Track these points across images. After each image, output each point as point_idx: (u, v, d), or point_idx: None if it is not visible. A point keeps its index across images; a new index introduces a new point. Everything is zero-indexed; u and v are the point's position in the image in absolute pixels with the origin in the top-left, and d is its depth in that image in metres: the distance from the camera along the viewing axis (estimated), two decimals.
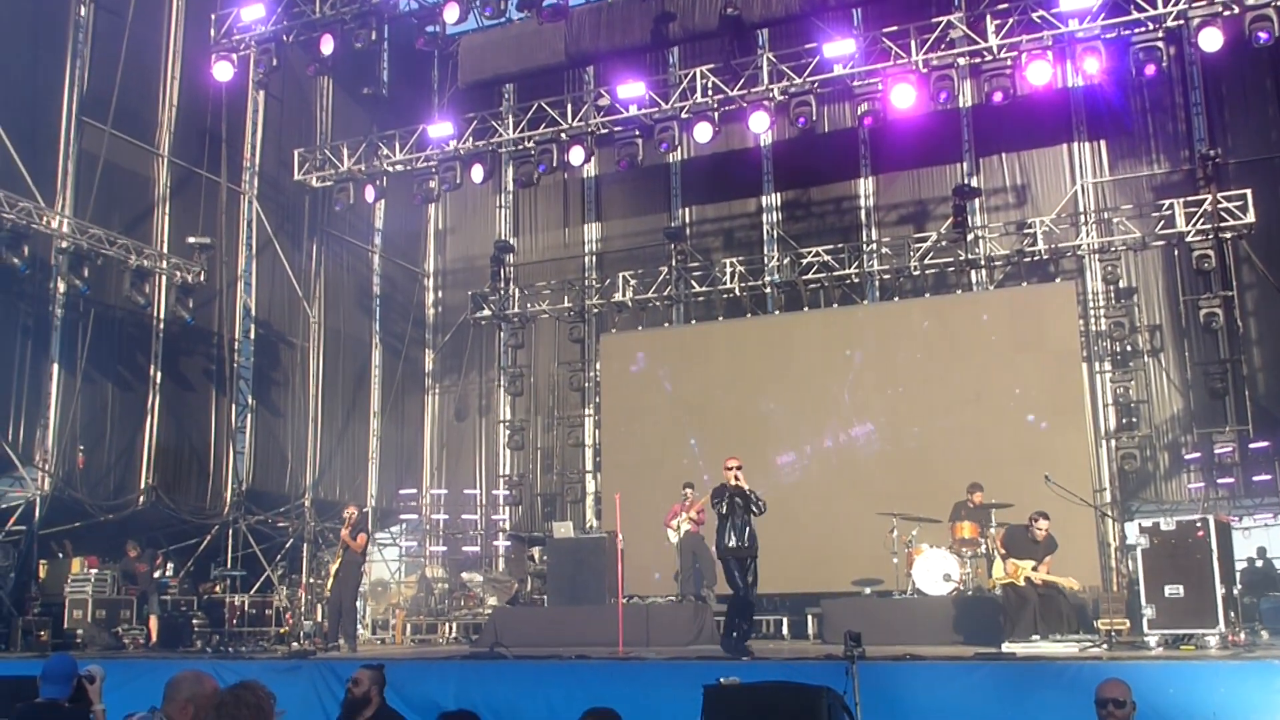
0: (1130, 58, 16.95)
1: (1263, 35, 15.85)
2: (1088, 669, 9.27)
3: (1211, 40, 16.29)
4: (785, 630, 18.19)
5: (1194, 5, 16.44)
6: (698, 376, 21.51)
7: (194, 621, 17.92)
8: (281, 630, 18.38)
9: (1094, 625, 13.73)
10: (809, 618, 17.23)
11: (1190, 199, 19.28)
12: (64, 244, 17.77)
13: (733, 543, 12.38)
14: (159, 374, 19.73)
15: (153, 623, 17.02)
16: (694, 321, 22.79)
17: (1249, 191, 18.71)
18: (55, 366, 17.97)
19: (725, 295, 22.06)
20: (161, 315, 19.75)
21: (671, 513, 17.19)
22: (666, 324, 23.03)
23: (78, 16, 18.87)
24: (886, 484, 19.14)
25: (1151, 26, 16.78)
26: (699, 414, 21.28)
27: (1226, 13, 16.24)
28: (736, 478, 12.52)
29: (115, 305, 18.90)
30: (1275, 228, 19.51)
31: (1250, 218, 18.60)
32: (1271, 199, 19.49)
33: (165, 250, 19.70)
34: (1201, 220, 18.91)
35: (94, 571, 16.95)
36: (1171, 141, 20.95)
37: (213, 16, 20.38)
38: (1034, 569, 12.57)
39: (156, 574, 17.74)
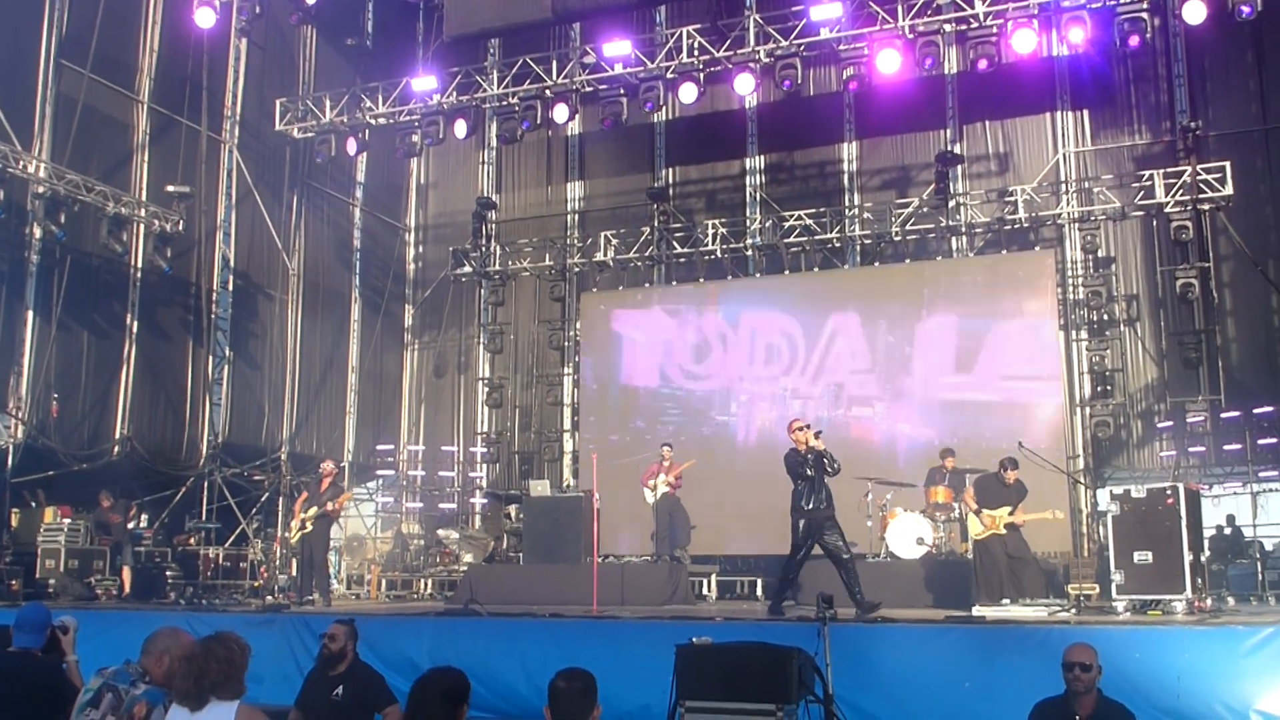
0: (1115, 28, 16.98)
1: (1245, 9, 15.91)
2: (1056, 633, 9.40)
3: (1195, 12, 16.32)
4: (759, 591, 18.33)
5: None
6: (677, 337, 21.52)
7: (168, 573, 17.95)
8: (255, 584, 18.40)
9: (1064, 590, 13.93)
10: None
11: (1170, 170, 19.33)
12: (40, 189, 17.57)
13: (812, 505, 12.30)
14: (135, 323, 19.61)
15: (126, 574, 17.02)
16: (675, 282, 22.78)
17: (1228, 164, 18.76)
18: (30, 313, 17.82)
19: (707, 257, 22.03)
20: (139, 264, 19.61)
21: (649, 472, 17.26)
22: (648, 284, 23.01)
23: None
24: (863, 447, 19.26)
25: None
26: (678, 375, 21.30)
27: None
28: (818, 436, 12.35)
29: (92, 253, 18.75)
30: (1253, 201, 19.62)
31: (1228, 190, 18.65)
32: (1250, 172, 19.60)
33: (143, 198, 19.52)
34: (1180, 192, 18.98)
35: (67, 521, 16.91)
36: (1153, 112, 20.99)
37: None
38: (1010, 513, 12.76)
39: (130, 525, 17.71)
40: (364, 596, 19.83)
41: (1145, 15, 16.83)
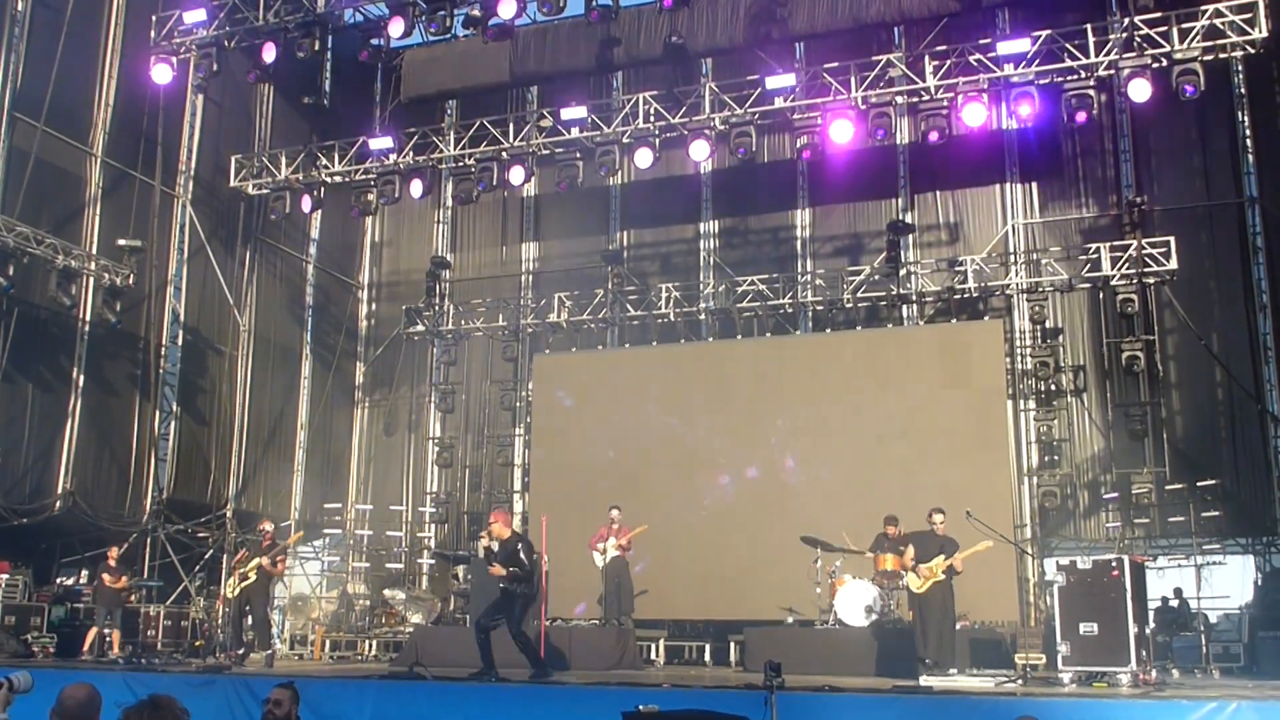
0: (1063, 104, 17.34)
1: (1189, 89, 16.38)
2: (1003, 704, 9.40)
3: (1140, 91, 16.72)
4: (708, 657, 18.23)
5: (1125, 56, 16.91)
6: (629, 400, 21.51)
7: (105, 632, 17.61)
8: (197, 643, 18.08)
9: (1011, 659, 13.94)
10: (732, 645, 17.31)
11: (1116, 244, 19.72)
12: None
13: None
14: (82, 377, 19.38)
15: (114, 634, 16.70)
16: (628, 345, 22.83)
17: (1172, 239, 19.18)
18: None
19: (660, 320, 22.13)
20: (87, 317, 19.42)
21: (598, 535, 17.16)
22: (601, 346, 23.05)
23: (14, 11, 18.56)
24: (812, 514, 19.21)
25: (1084, 75, 17.25)
26: (629, 438, 21.26)
27: (1155, 65, 16.73)
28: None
29: (40, 305, 18.56)
30: (1197, 275, 20.04)
31: (1173, 264, 19.04)
32: (1194, 247, 20.02)
33: (94, 251, 19.37)
34: (1126, 265, 19.33)
35: (4, 576, 16.63)
36: (1100, 187, 21.44)
37: (153, 18, 20.15)
38: (946, 559, 12.79)
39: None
40: (307, 657, 19.53)
41: (1092, 92, 17.25)
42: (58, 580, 18.53)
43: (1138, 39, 16.91)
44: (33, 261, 17.93)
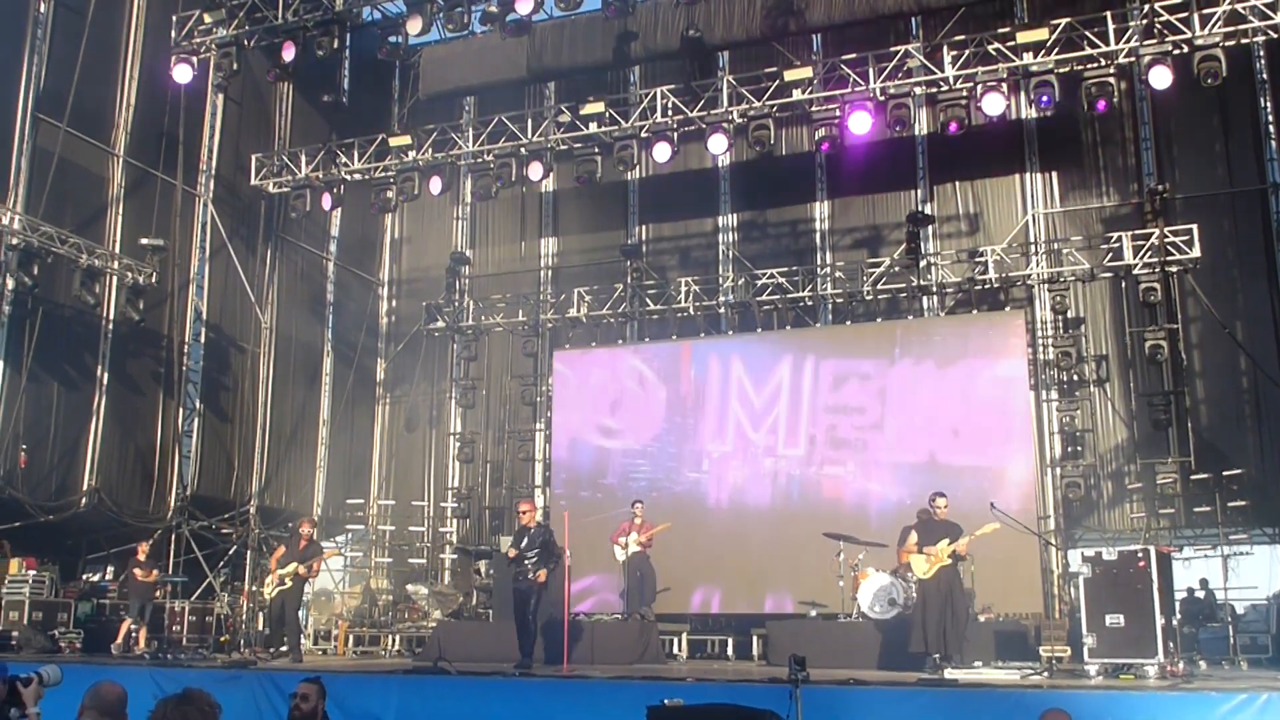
0: (1083, 92, 17.23)
1: (1210, 75, 16.20)
2: (1029, 696, 9.39)
3: (1161, 78, 16.61)
4: (730, 651, 18.24)
5: (1145, 43, 16.79)
6: (649, 394, 21.52)
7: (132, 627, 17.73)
8: (222, 639, 18.19)
9: (1036, 652, 13.89)
10: (754, 639, 17.30)
11: (1138, 232, 19.60)
12: (14, 241, 17.49)
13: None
14: (106, 375, 19.52)
15: (141, 632, 16.77)
16: (648, 339, 22.82)
17: (1194, 227, 19.04)
18: (1, 364, 17.72)
19: (679, 314, 22.10)
20: (111, 316, 19.56)
21: (620, 530, 17.19)
22: (620, 341, 23.04)
23: (37, 13, 18.72)
24: (834, 506, 19.26)
25: (1104, 63, 17.13)
26: (649, 432, 21.28)
27: (1176, 52, 16.60)
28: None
29: (64, 304, 18.69)
30: (1219, 263, 19.89)
31: (1195, 252, 18.91)
32: (1217, 234, 19.87)
33: (117, 250, 19.50)
34: (1148, 253, 19.22)
35: (32, 573, 16.76)
36: (1121, 175, 21.31)
37: (174, 18, 20.22)
38: (950, 543, 12.73)
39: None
40: (331, 652, 19.61)
41: (1112, 80, 17.14)
42: (84, 576, 18.70)
43: (1158, 25, 16.78)
44: (57, 261, 18.06)
